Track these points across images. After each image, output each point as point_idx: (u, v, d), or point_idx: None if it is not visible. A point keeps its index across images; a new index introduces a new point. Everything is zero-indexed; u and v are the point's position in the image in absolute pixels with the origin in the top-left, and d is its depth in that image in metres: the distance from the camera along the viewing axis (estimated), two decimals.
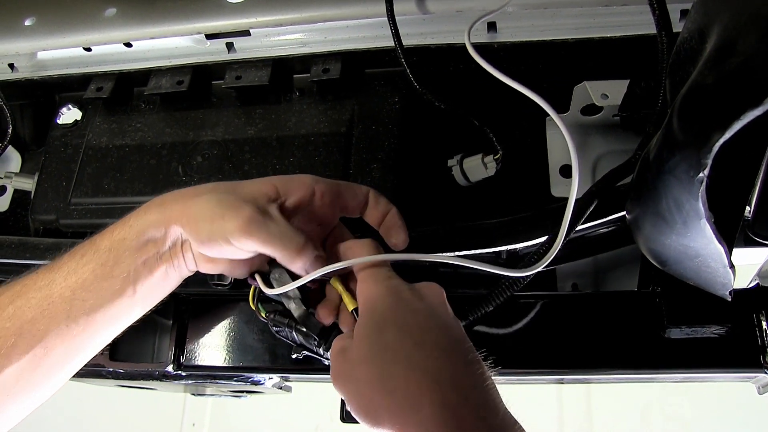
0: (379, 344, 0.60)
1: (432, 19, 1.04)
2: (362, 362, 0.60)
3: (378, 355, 0.59)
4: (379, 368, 0.59)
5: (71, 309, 0.68)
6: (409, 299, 0.63)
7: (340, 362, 0.64)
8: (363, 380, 0.60)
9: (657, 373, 0.79)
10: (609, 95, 0.97)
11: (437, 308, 0.64)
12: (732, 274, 0.66)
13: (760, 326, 0.75)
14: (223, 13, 1.09)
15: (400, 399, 0.56)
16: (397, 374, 0.58)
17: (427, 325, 0.61)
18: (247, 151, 1.04)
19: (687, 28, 0.68)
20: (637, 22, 0.98)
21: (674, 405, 2.22)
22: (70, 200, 1.07)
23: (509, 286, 0.74)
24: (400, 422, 0.56)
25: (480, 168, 1.01)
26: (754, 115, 0.50)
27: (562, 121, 0.77)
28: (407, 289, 0.64)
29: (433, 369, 0.57)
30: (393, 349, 0.59)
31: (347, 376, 0.62)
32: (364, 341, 0.62)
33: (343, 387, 0.63)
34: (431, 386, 0.56)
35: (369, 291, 0.65)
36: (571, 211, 0.73)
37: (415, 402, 0.56)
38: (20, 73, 1.22)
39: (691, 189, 0.57)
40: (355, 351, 0.62)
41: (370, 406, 0.59)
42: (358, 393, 0.60)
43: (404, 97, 1.05)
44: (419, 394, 0.56)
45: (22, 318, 0.67)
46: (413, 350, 0.59)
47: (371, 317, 0.63)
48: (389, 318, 0.62)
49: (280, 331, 0.76)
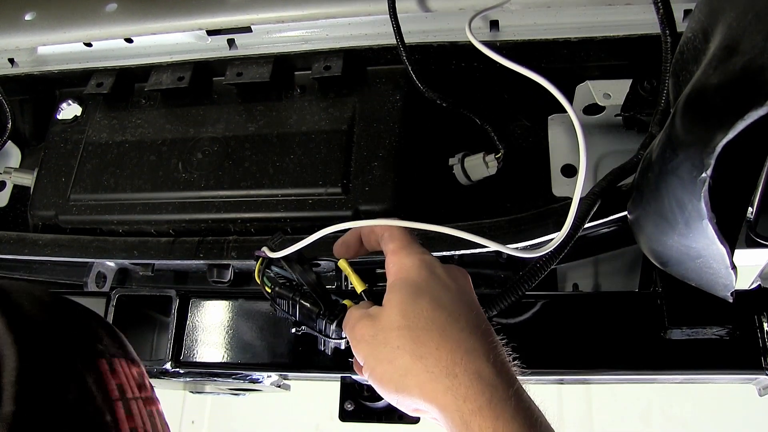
0: (414, 312, 0.60)
1: (434, 16, 1.04)
2: (394, 328, 0.60)
3: (412, 322, 0.60)
4: (412, 334, 0.59)
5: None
6: (442, 275, 0.64)
7: (365, 326, 0.63)
8: (394, 345, 0.60)
9: (657, 374, 0.79)
10: (611, 95, 0.97)
11: (465, 288, 0.65)
12: (734, 275, 0.65)
13: (761, 328, 0.75)
14: (225, 9, 1.08)
15: (432, 364, 0.57)
16: (430, 342, 0.58)
17: (459, 302, 0.62)
18: (247, 148, 1.03)
19: (691, 27, 0.68)
20: (640, 22, 0.98)
21: (674, 405, 2.22)
22: (70, 196, 1.07)
23: (536, 272, 0.73)
24: (428, 387, 0.57)
25: (481, 167, 1.00)
26: (758, 115, 0.50)
27: (572, 108, 0.76)
28: (440, 266, 0.65)
29: (466, 342, 0.58)
30: (427, 318, 0.60)
31: (375, 341, 0.62)
32: (397, 308, 0.61)
33: (370, 351, 0.62)
34: (465, 356, 0.57)
35: (402, 262, 0.65)
36: (579, 192, 0.72)
37: (447, 369, 0.57)
38: (20, 68, 1.22)
39: (694, 189, 0.56)
40: (386, 317, 0.62)
41: (397, 372, 0.59)
42: (387, 358, 0.60)
43: (406, 95, 1.04)
44: (452, 362, 0.57)
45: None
46: (447, 322, 0.60)
47: (405, 286, 0.63)
48: (424, 289, 0.62)
49: (283, 305, 0.76)
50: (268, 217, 0.98)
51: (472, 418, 0.55)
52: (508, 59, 0.82)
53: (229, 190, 1.01)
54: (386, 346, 0.60)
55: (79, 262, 1.03)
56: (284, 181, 0.99)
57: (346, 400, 0.96)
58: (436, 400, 0.57)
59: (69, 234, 1.07)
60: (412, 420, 0.95)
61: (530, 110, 1.08)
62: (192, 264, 1.00)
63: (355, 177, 0.97)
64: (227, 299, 0.92)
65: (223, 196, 1.01)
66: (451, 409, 0.56)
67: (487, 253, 0.90)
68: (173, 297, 0.91)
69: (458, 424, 0.55)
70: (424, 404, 0.58)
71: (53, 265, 1.10)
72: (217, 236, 0.99)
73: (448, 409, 0.56)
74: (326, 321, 0.73)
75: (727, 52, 0.56)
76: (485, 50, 0.85)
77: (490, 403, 0.55)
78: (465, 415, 0.55)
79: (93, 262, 1.03)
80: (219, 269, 1.00)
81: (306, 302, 0.73)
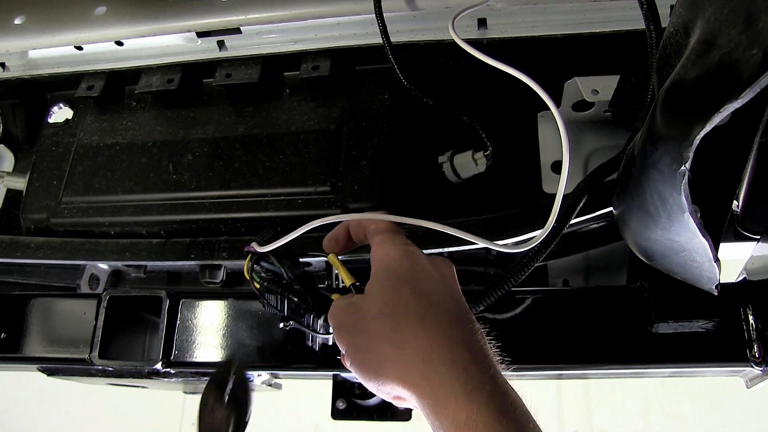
0: (394, 300, 0.61)
1: (422, 15, 1.04)
2: (374, 316, 0.61)
3: (391, 310, 0.60)
4: (391, 322, 0.60)
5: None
6: (425, 265, 0.64)
7: (349, 314, 0.64)
8: (373, 333, 0.60)
9: (645, 367, 0.79)
10: (600, 91, 0.97)
11: (449, 279, 0.65)
12: (718, 268, 0.65)
13: (746, 320, 0.75)
14: (214, 11, 1.08)
15: (409, 352, 0.58)
16: (409, 329, 0.59)
17: (440, 292, 0.62)
18: (237, 149, 1.04)
19: (672, 22, 0.68)
20: (627, 18, 0.98)
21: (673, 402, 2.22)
22: (62, 199, 1.07)
23: (522, 267, 0.74)
24: (405, 374, 0.57)
25: (470, 164, 1.01)
26: (734, 107, 0.50)
27: (554, 105, 0.76)
28: (424, 256, 0.65)
29: (443, 329, 0.59)
30: (407, 306, 0.60)
31: (356, 329, 0.62)
32: (378, 296, 0.62)
33: (350, 339, 0.63)
34: (442, 344, 0.57)
35: (386, 251, 0.65)
36: (562, 189, 0.72)
37: (424, 356, 0.57)
38: (11, 72, 1.22)
39: (674, 182, 0.57)
40: (367, 305, 0.62)
41: (376, 359, 0.60)
42: (366, 345, 0.61)
43: (394, 93, 1.05)
44: (429, 349, 0.57)
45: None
46: (427, 310, 0.60)
47: (387, 275, 0.63)
48: (406, 278, 0.62)
49: (271, 300, 0.76)
50: (258, 217, 0.99)
51: (447, 404, 0.55)
52: (490, 57, 0.82)
53: (219, 191, 1.01)
54: (365, 334, 0.61)
55: (71, 264, 1.04)
56: (274, 181, 0.99)
57: (338, 399, 0.96)
58: (413, 387, 0.57)
59: (61, 237, 1.07)
60: (404, 417, 0.95)
61: (520, 107, 1.08)
62: (184, 265, 1.01)
63: (344, 176, 0.98)
64: (218, 299, 0.93)
65: (213, 197, 1.01)
66: (427, 395, 0.56)
67: (477, 250, 0.90)
68: (163, 298, 0.91)
69: (434, 410, 0.56)
70: (402, 391, 0.58)
71: (46, 268, 1.10)
72: (208, 237, 0.99)
73: (424, 396, 0.56)
74: (314, 316, 0.73)
75: (705, 46, 0.56)
76: (468, 48, 0.86)
77: (465, 390, 0.55)
78: (440, 401, 0.55)
79: (86, 264, 1.03)
80: (211, 269, 1.00)
81: (294, 297, 0.74)
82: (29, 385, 2.50)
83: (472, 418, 0.54)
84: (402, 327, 0.59)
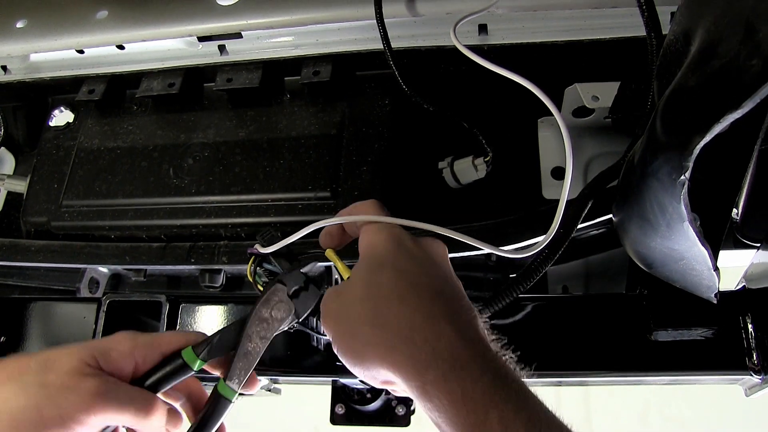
0: (375, 283, 0.60)
1: (422, 21, 1.04)
2: (355, 301, 0.60)
3: (373, 293, 0.59)
4: (373, 305, 0.59)
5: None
6: (410, 247, 0.63)
7: (332, 301, 0.63)
8: (354, 317, 0.59)
9: (644, 375, 0.79)
10: (600, 97, 0.97)
11: (437, 259, 0.63)
12: (717, 276, 0.65)
13: (746, 329, 0.75)
14: (215, 16, 1.09)
15: (389, 333, 0.56)
16: (389, 311, 0.57)
17: (424, 271, 0.61)
18: (238, 154, 1.04)
19: (673, 30, 0.68)
20: (627, 24, 0.98)
21: (672, 406, 2.22)
22: (62, 202, 1.08)
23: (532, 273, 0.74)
24: (387, 355, 0.56)
25: (470, 170, 1.01)
26: (734, 117, 0.50)
27: (556, 108, 0.77)
28: (409, 238, 0.64)
29: (427, 308, 0.57)
30: (388, 288, 0.59)
31: (339, 315, 0.62)
32: (360, 281, 0.61)
33: (334, 325, 0.62)
34: (424, 322, 0.56)
35: (370, 237, 0.64)
36: (566, 193, 0.72)
37: (406, 337, 0.55)
38: (13, 75, 1.23)
39: (674, 192, 0.57)
40: (349, 291, 0.62)
41: (359, 344, 0.58)
42: (348, 331, 0.60)
43: (395, 99, 1.05)
44: (410, 329, 0.56)
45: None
46: (407, 290, 0.58)
47: (369, 260, 0.63)
48: (387, 261, 0.61)
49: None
50: (258, 222, 0.99)
51: (436, 383, 0.53)
52: (492, 62, 0.82)
53: (219, 196, 1.01)
54: (348, 319, 0.60)
55: (71, 268, 1.04)
56: (274, 186, 0.99)
57: (336, 404, 0.96)
58: (398, 370, 0.55)
59: (61, 240, 1.07)
60: (402, 422, 0.95)
61: (520, 113, 1.08)
62: (184, 269, 1.01)
63: (344, 181, 0.98)
64: (218, 304, 0.93)
65: (213, 202, 1.01)
66: (413, 376, 0.54)
67: (476, 256, 0.90)
68: (163, 302, 0.91)
69: (422, 392, 0.54)
70: (388, 374, 0.57)
71: (46, 271, 1.10)
72: (209, 241, 0.99)
73: (410, 377, 0.54)
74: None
75: (705, 55, 0.57)
76: (471, 55, 0.86)
77: (454, 368, 0.53)
78: (428, 381, 0.53)
79: (85, 267, 1.03)
80: (211, 274, 1.00)
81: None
82: None
83: (467, 395, 0.51)
84: (382, 309, 0.58)
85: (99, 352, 0.64)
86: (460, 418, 0.51)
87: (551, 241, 0.75)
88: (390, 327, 0.57)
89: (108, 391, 0.61)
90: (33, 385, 0.60)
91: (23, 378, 0.60)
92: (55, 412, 0.58)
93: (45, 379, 0.60)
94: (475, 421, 0.50)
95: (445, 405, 0.52)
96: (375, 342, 0.57)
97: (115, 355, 0.65)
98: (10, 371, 0.61)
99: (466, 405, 0.51)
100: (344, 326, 0.61)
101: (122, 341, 0.66)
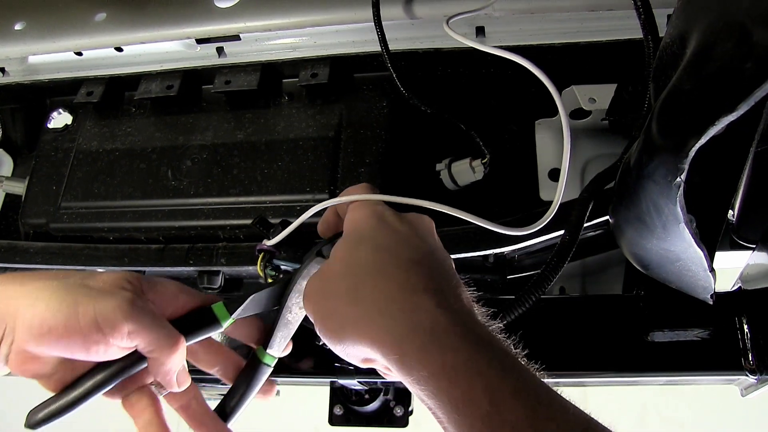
0: (354, 259, 0.58)
1: (420, 24, 1.05)
2: (335, 277, 0.58)
3: (351, 269, 0.58)
4: (351, 281, 0.57)
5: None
6: (392, 222, 0.61)
7: (313, 281, 0.61)
8: (333, 294, 0.58)
9: (641, 376, 0.79)
10: (597, 99, 0.98)
11: (421, 232, 0.61)
12: (713, 277, 0.66)
13: (741, 329, 0.76)
14: (214, 18, 1.09)
15: (367, 306, 0.54)
16: (366, 285, 0.55)
17: (406, 245, 0.58)
18: (236, 155, 1.04)
19: (669, 33, 0.68)
20: (624, 27, 0.99)
21: (670, 406, 2.22)
22: (61, 204, 1.08)
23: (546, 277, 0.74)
24: (366, 330, 0.54)
25: (468, 172, 1.01)
26: (729, 120, 0.51)
27: (561, 101, 0.77)
28: (392, 214, 0.62)
29: (405, 279, 0.55)
30: (366, 262, 0.57)
31: (318, 293, 0.60)
32: (339, 258, 0.60)
33: (314, 305, 0.60)
34: (399, 293, 0.54)
35: (353, 215, 0.63)
36: (561, 190, 0.73)
37: (382, 309, 0.53)
38: (11, 77, 1.23)
39: (670, 193, 0.57)
40: (329, 268, 0.60)
41: (336, 320, 0.56)
42: (327, 308, 0.58)
43: (393, 101, 1.05)
44: (388, 299, 0.54)
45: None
46: (387, 263, 0.56)
47: (350, 236, 0.61)
48: (368, 236, 0.60)
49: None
50: None
51: (416, 355, 0.50)
52: (491, 47, 0.83)
53: (218, 197, 1.01)
54: (328, 298, 0.58)
55: (70, 269, 1.04)
56: (272, 188, 1.00)
57: (335, 405, 0.97)
58: (375, 343, 0.53)
59: (60, 242, 1.08)
60: (400, 423, 0.95)
61: (517, 115, 1.09)
62: (182, 271, 1.01)
63: (342, 183, 0.98)
64: None
65: (212, 203, 1.02)
66: (391, 350, 0.52)
67: (474, 257, 0.90)
68: None
69: (403, 365, 0.51)
70: (366, 350, 0.54)
71: None
72: (207, 243, 0.99)
73: (387, 350, 0.52)
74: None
75: (701, 59, 0.57)
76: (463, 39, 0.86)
77: (432, 339, 0.50)
78: (407, 353, 0.51)
79: (84, 269, 1.03)
80: (209, 275, 1.00)
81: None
82: (26, 391, 2.50)
83: (448, 364, 0.49)
84: (359, 284, 0.56)
85: (146, 280, 0.65)
86: (443, 390, 0.49)
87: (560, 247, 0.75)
88: (366, 301, 0.55)
89: (144, 308, 0.61)
90: (74, 285, 0.60)
91: (67, 279, 0.61)
92: (90, 311, 0.58)
93: (87, 282, 0.61)
94: (459, 393, 0.48)
95: (425, 377, 0.50)
96: (353, 318, 0.55)
97: (160, 288, 0.66)
98: (56, 273, 0.62)
99: (448, 376, 0.49)
100: (323, 305, 0.59)
101: (170, 282, 0.68)
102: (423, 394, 0.50)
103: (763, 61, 0.48)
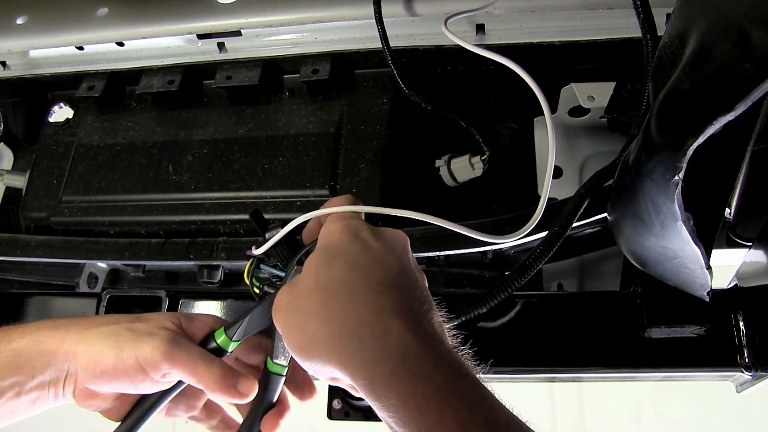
0: (325, 275, 0.57)
1: (421, 21, 1.05)
2: (306, 293, 0.57)
3: (323, 286, 0.57)
4: (321, 298, 0.56)
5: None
6: (366, 237, 0.59)
7: (284, 294, 0.60)
8: (304, 311, 0.57)
9: (637, 372, 0.80)
10: (596, 97, 0.98)
11: (396, 250, 0.60)
12: (709, 275, 0.67)
13: (737, 326, 0.76)
14: (215, 14, 1.09)
15: (338, 327, 0.53)
16: (337, 304, 0.55)
17: (378, 262, 0.57)
18: (236, 151, 1.05)
19: (668, 32, 0.69)
20: (623, 26, 0.99)
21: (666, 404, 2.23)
22: (61, 198, 1.08)
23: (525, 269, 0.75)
24: (334, 352, 0.53)
25: (467, 168, 1.02)
26: (727, 120, 0.51)
27: (544, 98, 0.78)
28: (366, 229, 0.61)
29: (374, 301, 0.54)
30: (338, 280, 0.56)
31: (289, 308, 0.59)
32: (311, 273, 0.59)
33: (283, 318, 0.59)
34: (372, 316, 0.53)
35: (328, 227, 0.62)
36: (547, 189, 0.74)
37: (353, 332, 0.52)
38: (12, 71, 1.23)
39: (668, 192, 0.58)
40: (301, 283, 0.59)
41: (306, 338, 0.56)
42: (297, 325, 0.57)
43: (393, 98, 1.06)
44: (358, 324, 0.53)
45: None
46: (358, 282, 0.55)
47: (323, 251, 0.60)
48: (340, 251, 0.59)
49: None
50: None
51: (385, 382, 0.50)
52: (485, 50, 0.83)
53: (218, 192, 1.02)
54: (297, 313, 0.57)
55: (70, 263, 1.04)
56: (273, 183, 1.00)
57: (333, 399, 0.97)
58: (345, 367, 0.52)
59: (61, 235, 1.08)
60: None
61: (517, 112, 1.10)
62: (182, 265, 1.02)
63: (343, 179, 0.99)
64: (216, 299, 0.94)
65: (212, 198, 1.02)
66: (360, 375, 0.51)
67: (473, 253, 0.91)
68: (163, 297, 0.92)
69: (371, 391, 0.50)
70: (336, 372, 0.54)
71: (45, 267, 1.11)
72: (207, 237, 1.00)
73: (356, 375, 0.52)
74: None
75: (700, 58, 0.58)
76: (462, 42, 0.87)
77: (403, 365, 0.50)
78: (377, 380, 0.50)
79: (85, 263, 1.04)
80: (209, 270, 1.01)
81: None
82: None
83: (419, 393, 0.48)
84: (330, 303, 0.55)
85: (186, 317, 0.70)
86: (413, 419, 0.48)
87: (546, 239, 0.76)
88: (337, 321, 0.54)
89: (181, 344, 0.65)
90: (122, 329, 0.66)
91: (116, 324, 0.67)
92: (132, 353, 0.63)
93: (133, 326, 0.67)
94: (429, 422, 0.48)
95: (394, 404, 0.49)
96: (322, 337, 0.54)
97: (197, 322, 0.70)
98: (109, 318, 0.69)
99: (418, 404, 0.48)
100: (293, 320, 0.58)
101: (208, 317, 0.72)
102: (391, 421, 0.50)
103: (761, 62, 0.48)
